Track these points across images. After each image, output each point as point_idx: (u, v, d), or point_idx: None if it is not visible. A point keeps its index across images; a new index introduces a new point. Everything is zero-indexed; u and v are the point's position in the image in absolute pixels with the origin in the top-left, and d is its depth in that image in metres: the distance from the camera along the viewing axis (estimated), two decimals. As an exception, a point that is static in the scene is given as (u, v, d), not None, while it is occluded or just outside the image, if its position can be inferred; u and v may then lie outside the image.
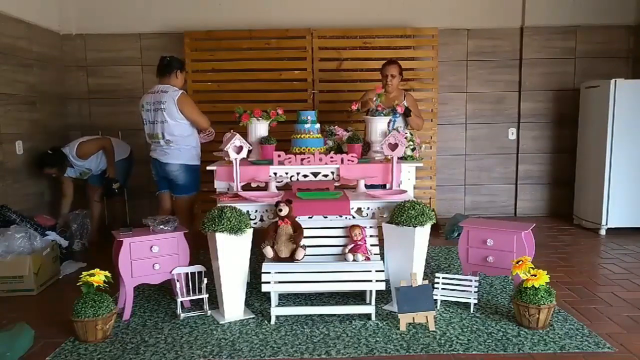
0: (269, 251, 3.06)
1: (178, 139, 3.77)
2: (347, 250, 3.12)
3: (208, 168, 3.53)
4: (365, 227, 3.18)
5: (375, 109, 3.74)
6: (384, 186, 3.58)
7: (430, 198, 5.47)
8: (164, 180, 3.90)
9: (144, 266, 3.08)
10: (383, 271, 2.96)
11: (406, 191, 3.43)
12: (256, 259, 3.67)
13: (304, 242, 3.08)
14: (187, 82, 5.25)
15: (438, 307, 3.14)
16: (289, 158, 3.38)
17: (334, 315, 3.07)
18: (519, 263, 2.91)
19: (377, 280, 2.93)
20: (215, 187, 3.53)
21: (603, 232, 4.94)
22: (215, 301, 3.15)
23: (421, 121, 4.39)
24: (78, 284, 2.84)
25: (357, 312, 3.07)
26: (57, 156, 4.51)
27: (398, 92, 4.33)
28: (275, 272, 2.94)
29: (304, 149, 3.60)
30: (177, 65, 3.85)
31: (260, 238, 3.12)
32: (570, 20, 5.53)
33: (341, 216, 3.25)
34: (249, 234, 3.02)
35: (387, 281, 3.16)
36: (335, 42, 5.28)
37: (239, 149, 3.34)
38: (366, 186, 3.47)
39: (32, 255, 3.54)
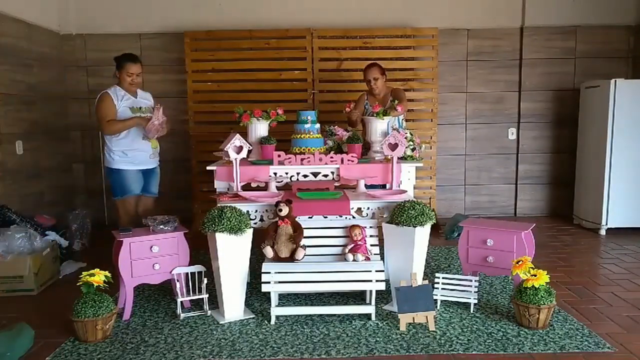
0: (269, 251, 3.06)
1: (105, 139, 3.86)
2: (347, 250, 3.11)
3: (208, 168, 3.53)
4: (365, 227, 3.18)
5: (371, 112, 3.74)
6: (384, 186, 3.58)
7: (430, 198, 5.47)
8: None
9: (144, 266, 3.08)
10: (383, 271, 2.96)
11: (406, 191, 3.43)
12: (256, 259, 3.67)
13: (304, 242, 3.08)
14: (188, 82, 5.27)
15: (438, 307, 3.13)
16: (289, 158, 3.38)
17: (334, 315, 3.06)
18: (519, 263, 2.91)
19: (377, 280, 2.93)
20: (215, 187, 3.53)
21: (603, 232, 4.94)
22: (215, 301, 3.15)
23: (402, 108, 4.04)
24: (78, 284, 2.84)
25: (357, 312, 3.07)
26: None
27: (387, 90, 4.27)
28: (275, 272, 2.94)
29: (304, 149, 3.60)
30: (116, 65, 3.89)
31: (260, 238, 3.12)
32: (570, 20, 5.53)
33: (341, 216, 3.25)
34: (249, 234, 3.02)
35: (387, 281, 3.16)
36: (335, 42, 5.28)
37: (239, 149, 3.34)
38: (366, 186, 3.47)
39: (32, 255, 3.54)
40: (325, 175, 3.50)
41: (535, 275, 2.84)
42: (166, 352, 2.66)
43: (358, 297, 3.32)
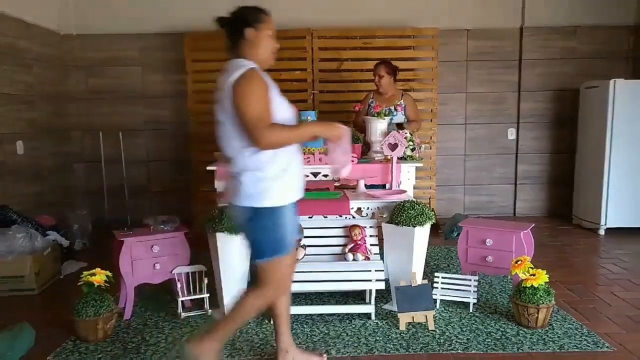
0: (269, 251, 3.06)
1: (239, 157, 2.11)
2: (347, 250, 3.12)
3: (208, 168, 3.54)
4: (365, 227, 3.19)
5: (373, 111, 3.76)
6: (384, 186, 3.58)
7: (430, 198, 5.47)
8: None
9: (144, 266, 3.09)
10: (382, 271, 2.96)
11: (406, 191, 3.44)
12: (256, 259, 3.67)
13: (303, 242, 3.09)
14: (187, 82, 5.26)
15: (437, 307, 3.14)
16: (289, 158, 3.38)
17: (334, 314, 3.08)
18: (518, 263, 2.92)
19: (376, 280, 2.93)
20: (215, 187, 3.54)
21: (602, 232, 4.94)
22: (215, 300, 3.16)
23: (418, 125, 4.25)
24: (79, 283, 2.85)
25: (356, 311, 3.08)
26: None
27: (395, 91, 4.26)
28: (276, 272, 2.94)
29: (304, 149, 3.60)
30: (243, 21, 2.26)
31: (261, 238, 3.13)
32: (570, 20, 5.54)
33: (341, 216, 3.26)
34: (249, 233, 3.02)
35: (386, 281, 3.17)
36: (335, 42, 5.28)
37: (239, 149, 3.34)
38: (366, 186, 3.48)
39: (33, 255, 3.54)
40: (325, 175, 3.51)
41: (534, 275, 2.85)
42: (167, 352, 2.67)
43: (358, 297, 3.33)
